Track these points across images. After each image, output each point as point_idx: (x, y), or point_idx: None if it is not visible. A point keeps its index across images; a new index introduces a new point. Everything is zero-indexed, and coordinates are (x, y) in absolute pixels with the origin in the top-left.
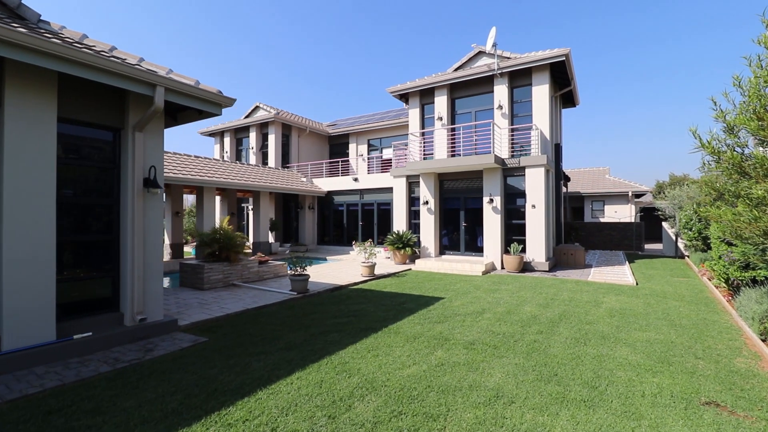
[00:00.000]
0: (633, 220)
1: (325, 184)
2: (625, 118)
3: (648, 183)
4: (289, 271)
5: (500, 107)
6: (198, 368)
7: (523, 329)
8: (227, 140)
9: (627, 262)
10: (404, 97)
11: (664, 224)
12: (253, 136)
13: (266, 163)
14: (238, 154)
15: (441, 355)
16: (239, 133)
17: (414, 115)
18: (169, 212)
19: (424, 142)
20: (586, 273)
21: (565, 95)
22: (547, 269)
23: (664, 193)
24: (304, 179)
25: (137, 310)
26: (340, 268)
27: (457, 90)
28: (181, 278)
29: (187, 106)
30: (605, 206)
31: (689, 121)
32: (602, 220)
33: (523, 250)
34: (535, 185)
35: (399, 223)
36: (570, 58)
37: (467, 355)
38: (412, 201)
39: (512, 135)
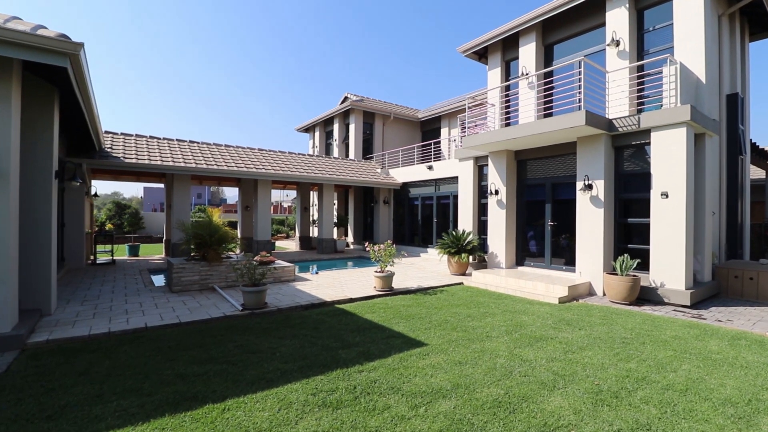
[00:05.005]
0: None
1: (400, 174)
2: None
3: None
4: (301, 273)
5: (616, 42)
6: None
7: None
8: (317, 134)
9: None
10: (483, 56)
11: None
12: (336, 127)
13: (349, 155)
14: (328, 148)
15: None
16: (327, 126)
17: (494, 77)
18: (299, 208)
19: (505, 111)
20: None
21: (748, 13)
22: (689, 303)
23: None
24: (379, 170)
25: None
26: (366, 276)
27: (551, 31)
28: (166, 277)
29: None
30: None
31: None
32: None
33: (644, 267)
34: (667, 159)
35: (464, 220)
36: None
37: None
38: (482, 191)
39: (638, 81)
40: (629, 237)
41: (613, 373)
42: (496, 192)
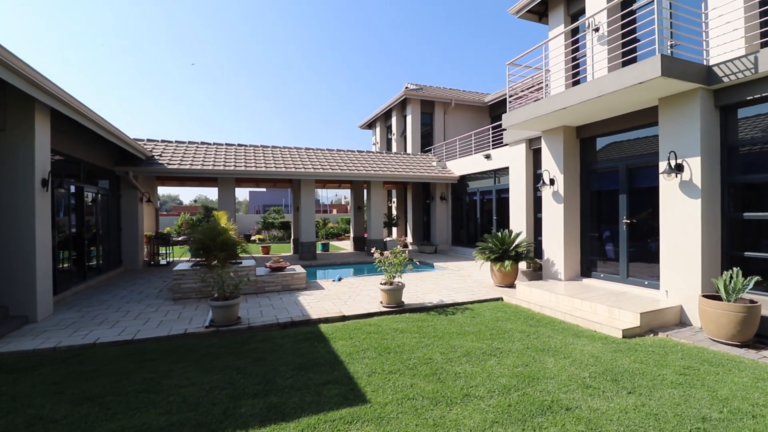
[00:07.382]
0: None
1: (457, 167)
2: None
3: None
4: (320, 280)
5: None
6: None
7: None
8: (378, 129)
9: None
10: (543, 15)
11: None
12: (394, 120)
13: (407, 148)
14: (388, 143)
15: None
16: (387, 120)
17: (557, 34)
18: (353, 207)
19: (572, 71)
20: None
21: None
22: None
23: None
24: (435, 163)
25: None
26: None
27: None
28: None
29: None
30: None
31: None
32: None
33: None
34: None
35: (516, 218)
36: None
37: None
38: (539, 181)
39: (760, 2)
40: (749, 240)
41: None
42: (552, 182)
